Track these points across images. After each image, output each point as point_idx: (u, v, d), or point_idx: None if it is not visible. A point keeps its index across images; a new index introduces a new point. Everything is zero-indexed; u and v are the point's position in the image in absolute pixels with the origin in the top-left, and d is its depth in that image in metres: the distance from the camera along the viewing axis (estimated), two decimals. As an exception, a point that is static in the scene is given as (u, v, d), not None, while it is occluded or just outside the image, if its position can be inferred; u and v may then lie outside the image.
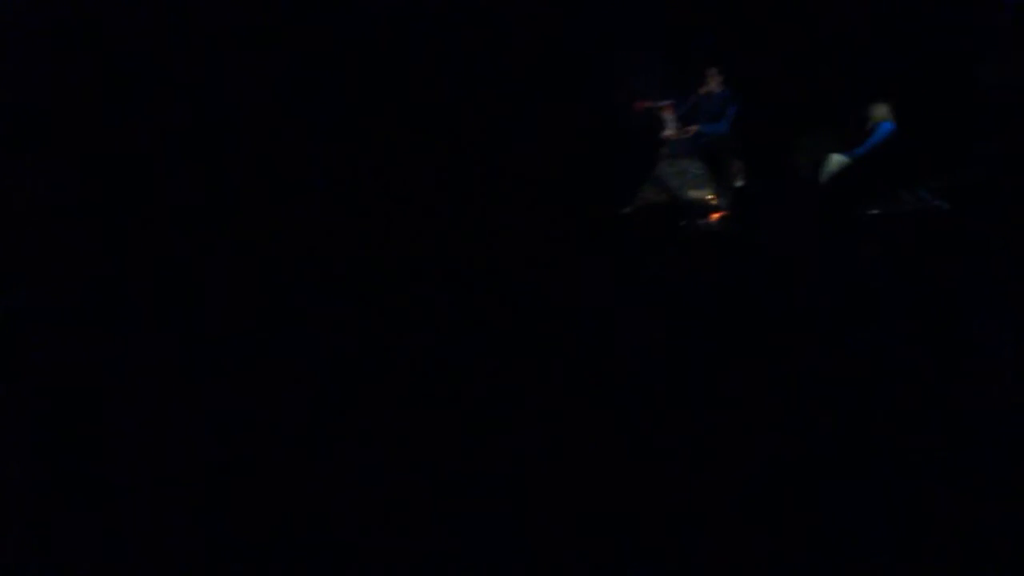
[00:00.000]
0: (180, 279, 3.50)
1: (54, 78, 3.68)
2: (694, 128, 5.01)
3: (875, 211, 4.47)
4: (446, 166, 4.56)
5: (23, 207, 3.56)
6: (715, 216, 4.81)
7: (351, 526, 2.02)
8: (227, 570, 1.94)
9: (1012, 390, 2.49)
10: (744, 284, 3.69)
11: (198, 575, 1.93)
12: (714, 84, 4.99)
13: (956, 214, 4.35)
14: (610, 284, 3.78)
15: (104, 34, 3.70)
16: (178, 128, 3.61)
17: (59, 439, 2.48)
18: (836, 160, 4.65)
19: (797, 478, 2.10)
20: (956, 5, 4.60)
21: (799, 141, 4.88)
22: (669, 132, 5.05)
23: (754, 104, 4.92)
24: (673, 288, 3.81)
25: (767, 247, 4.24)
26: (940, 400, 2.47)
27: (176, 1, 3.72)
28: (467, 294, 3.59)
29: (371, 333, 3.16)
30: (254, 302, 3.38)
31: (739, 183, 4.94)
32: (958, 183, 4.40)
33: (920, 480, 2.05)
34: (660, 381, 2.76)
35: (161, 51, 3.66)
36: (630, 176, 4.97)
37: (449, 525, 1.99)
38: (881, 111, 4.65)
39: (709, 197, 4.90)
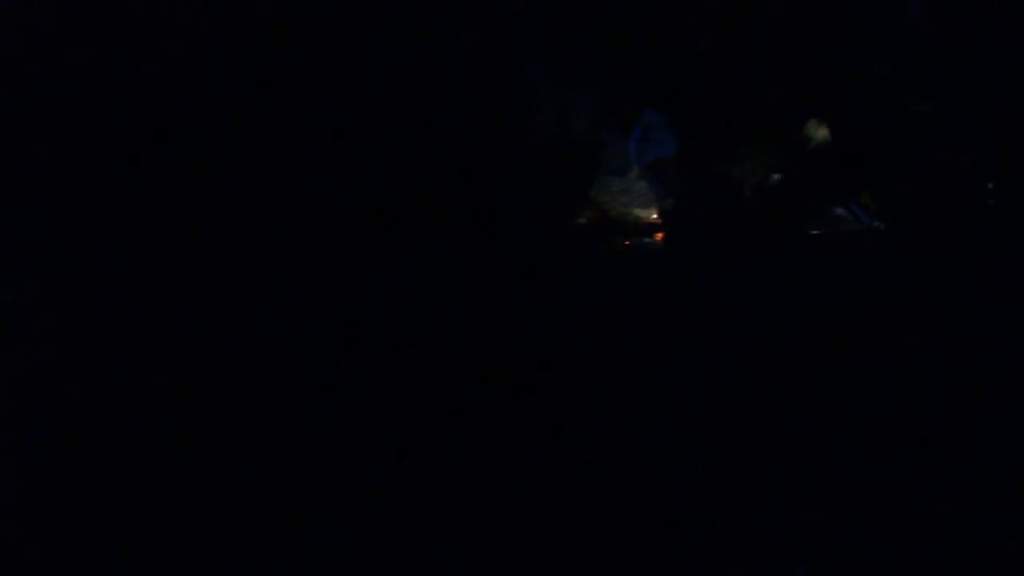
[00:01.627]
0: (181, 277, 3.44)
1: (54, 76, 3.62)
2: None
3: (813, 231, 4.55)
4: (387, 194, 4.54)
5: (23, 205, 3.49)
6: (659, 235, 4.85)
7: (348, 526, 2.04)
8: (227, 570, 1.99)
9: (937, 411, 2.54)
10: (685, 302, 3.72)
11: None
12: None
13: (892, 234, 4.45)
14: (556, 302, 3.78)
15: (102, 33, 3.65)
16: (178, 126, 3.56)
17: (58, 439, 2.49)
18: (775, 180, 4.72)
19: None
20: (888, 27, 4.73)
21: (739, 161, 4.94)
22: None
23: (696, 125, 4.99)
24: (617, 305, 3.83)
25: (708, 266, 4.30)
26: (869, 426, 2.50)
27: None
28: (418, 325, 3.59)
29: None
30: (254, 301, 3.34)
31: (682, 202, 4.98)
32: (895, 203, 4.50)
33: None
34: (599, 404, 2.77)
35: (159, 50, 3.62)
36: (576, 194, 4.98)
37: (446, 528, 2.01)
38: (821, 132, 4.75)
39: (654, 216, 4.94)
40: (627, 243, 4.76)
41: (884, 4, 4.67)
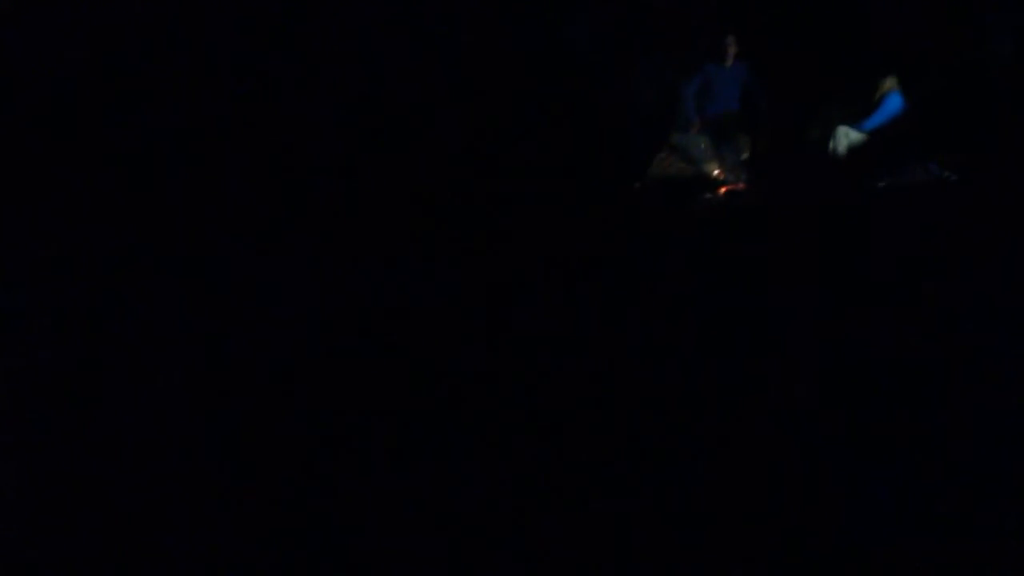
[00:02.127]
0: (181, 277, 3.51)
1: (54, 76, 3.69)
2: None
3: (884, 183, 4.47)
4: (461, 137, 4.61)
5: (23, 206, 3.58)
6: (722, 190, 4.84)
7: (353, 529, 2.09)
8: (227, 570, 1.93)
9: (1015, 364, 2.48)
10: (752, 257, 3.72)
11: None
12: (730, 57, 4.99)
13: (964, 186, 4.33)
14: (620, 255, 3.84)
15: (101, 32, 3.75)
16: (178, 126, 3.67)
17: (58, 439, 2.47)
18: (845, 132, 4.64)
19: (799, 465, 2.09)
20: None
21: (808, 114, 4.87)
22: None
23: (764, 79, 4.93)
24: (683, 261, 3.85)
25: (776, 220, 4.27)
26: (946, 372, 2.47)
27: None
28: (480, 263, 3.70)
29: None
30: (255, 302, 3.38)
31: (746, 157, 4.95)
32: (967, 155, 4.38)
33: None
34: (668, 354, 2.77)
35: (159, 50, 3.71)
36: (639, 151, 5.01)
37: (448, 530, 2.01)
38: (890, 84, 4.63)
39: (716, 171, 4.93)
40: (690, 197, 4.78)
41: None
